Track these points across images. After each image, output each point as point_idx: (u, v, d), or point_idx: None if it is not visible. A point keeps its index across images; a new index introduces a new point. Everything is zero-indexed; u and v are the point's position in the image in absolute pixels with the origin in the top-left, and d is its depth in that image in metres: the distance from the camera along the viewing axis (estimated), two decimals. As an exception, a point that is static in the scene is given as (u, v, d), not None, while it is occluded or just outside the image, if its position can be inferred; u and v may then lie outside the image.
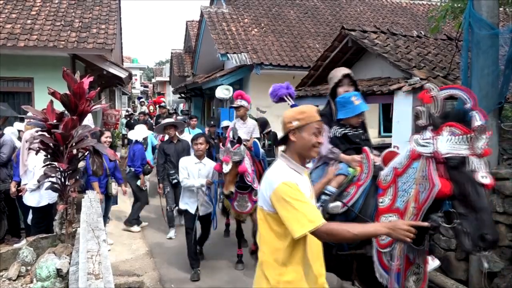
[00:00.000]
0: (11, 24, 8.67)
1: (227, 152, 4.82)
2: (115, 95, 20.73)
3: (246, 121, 6.16)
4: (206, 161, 5.30)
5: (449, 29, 11.51)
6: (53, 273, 2.94)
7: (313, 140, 2.19)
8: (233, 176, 4.87)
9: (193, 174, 5.18)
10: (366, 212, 2.90)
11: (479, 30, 4.32)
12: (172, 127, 6.77)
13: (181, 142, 6.84)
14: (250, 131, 6.12)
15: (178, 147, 6.71)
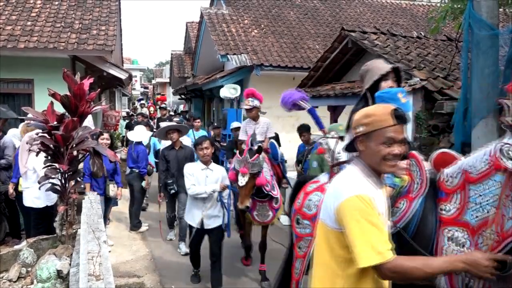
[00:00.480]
0: (11, 26, 8.68)
1: (245, 163, 4.36)
2: (115, 96, 20.74)
3: (258, 120, 5.73)
4: (214, 166, 4.75)
5: (449, 30, 11.52)
6: (54, 274, 2.94)
7: (383, 151, 1.75)
8: (250, 189, 4.45)
9: (199, 182, 4.60)
10: (424, 233, 2.39)
11: (479, 31, 4.32)
12: (175, 132, 6.19)
13: (184, 149, 6.27)
14: (264, 131, 5.69)
15: (180, 154, 6.17)
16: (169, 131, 6.20)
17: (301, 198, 3.40)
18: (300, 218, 3.33)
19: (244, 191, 4.41)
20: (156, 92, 39.45)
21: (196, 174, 4.60)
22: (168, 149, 6.31)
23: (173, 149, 6.23)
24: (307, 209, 3.27)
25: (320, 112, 4.33)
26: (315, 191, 3.32)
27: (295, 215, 3.40)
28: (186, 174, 4.60)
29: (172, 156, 6.19)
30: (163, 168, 6.26)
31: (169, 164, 6.17)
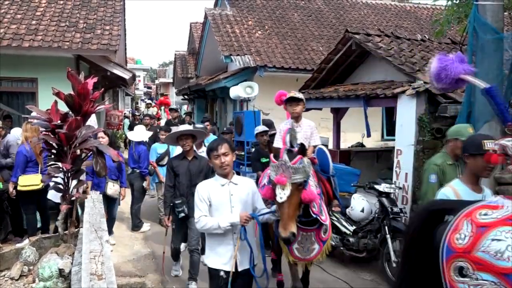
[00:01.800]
0: (16, 25, 8.72)
1: (283, 169, 3.05)
2: (118, 96, 20.76)
3: (300, 122, 4.30)
4: (239, 179, 3.28)
5: (453, 33, 11.50)
6: (55, 273, 2.95)
7: None
8: (294, 208, 3.09)
9: (222, 204, 3.16)
10: None
11: (483, 35, 4.31)
12: (189, 138, 4.80)
13: (199, 160, 4.88)
14: (307, 136, 4.29)
15: (193, 166, 4.82)
16: (181, 136, 4.81)
17: (468, 233, 2.04)
18: (470, 267, 2.01)
19: (287, 211, 3.00)
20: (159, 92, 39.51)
21: (215, 196, 3.17)
22: (179, 159, 4.91)
23: (185, 159, 4.83)
24: (493, 255, 1.92)
25: (323, 113, 4.34)
26: (503, 225, 1.99)
27: (453, 260, 2.05)
28: (197, 199, 3.19)
29: (183, 168, 4.81)
30: (170, 183, 4.87)
31: (178, 179, 4.81)
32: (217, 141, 3.27)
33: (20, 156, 5.57)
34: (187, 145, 4.76)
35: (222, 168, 3.16)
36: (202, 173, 4.72)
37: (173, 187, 4.84)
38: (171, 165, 4.90)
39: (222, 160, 3.12)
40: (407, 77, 5.92)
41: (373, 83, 6.91)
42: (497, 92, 3.00)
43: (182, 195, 4.77)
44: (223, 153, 3.14)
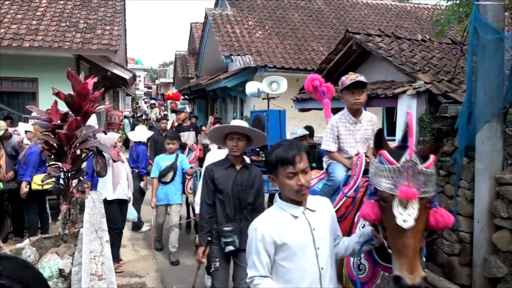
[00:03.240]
0: (16, 25, 8.72)
1: (411, 175, 1.92)
2: (118, 96, 20.78)
3: (360, 117, 3.40)
4: (313, 201, 2.17)
5: (454, 33, 11.50)
6: (56, 273, 2.95)
7: None
8: (421, 237, 1.99)
9: (303, 246, 2.03)
10: None
11: (484, 35, 4.30)
12: (243, 139, 3.42)
13: (249, 171, 3.50)
14: (368, 136, 3.40)
15: (243, 179, 3.44)
16: (232, 135, 3.40)
17: None
18: None
19: (413, 242, 1.92)
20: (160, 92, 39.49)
21: (290, 236, 2.02)
22: (222, 167, 3.47)
23: (232, 168, 3.45)
24: None
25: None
26: None
27: None
28: (253, 248, 2.04)
29: (228, 180, 3.42)
30: (208, 200, 3.46)
31: (221, 196, 3.42)
32: (291, 149, 2.00)
33: (35, 155, 5.63)
34: (238, 149, 3.35)
35: (300, 193, 1.99)
36: (253, 189, 3.41)
37: (213, 206, 3.44)
38: (210, 175, 3.41)
39: (301, 182, 1.96)
40: (407, 77, 5.91)
41: (374, 83, 6.90)
42: None
43: (230, 218, 3.37)
44: (302, 170, 1.98)
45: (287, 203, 2.06)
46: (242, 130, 3.39)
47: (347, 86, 3.26)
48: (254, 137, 3.46)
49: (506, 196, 4.14)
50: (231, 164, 3.43)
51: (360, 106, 3.34)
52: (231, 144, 3.37)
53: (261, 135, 3.53)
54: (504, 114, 4.43)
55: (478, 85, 4.38)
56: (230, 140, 3.37)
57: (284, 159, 1.99)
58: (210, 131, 3.61)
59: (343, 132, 3.39)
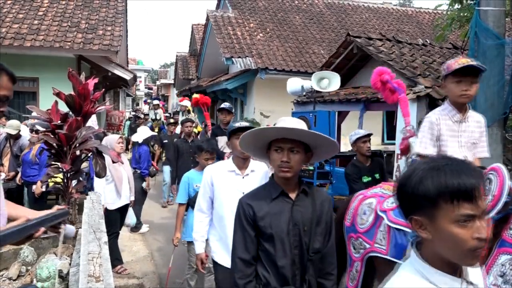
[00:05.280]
0: (18, 24, 8.73)
1: None
2: (119, 96, 20.79)
3: (467, 115, 2.68)
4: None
5: (454, 38, 11.51)
6: (54, 274, 2.94)
7: None
8: None
9: None
10: None
11: (485, 40, 4.31)
12: (298, 148, 2.03)
13: (312, 197, 2.12)
14: (476, 139, 2.71)
15: (303, 212, 2.08)
16: (278, 142, 2.04)
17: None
18: None
19: None
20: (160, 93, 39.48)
21: None
22: (266, 199, 2.09)
23: (282, 197, 2.09)
24: None
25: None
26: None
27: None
28: None
29: (278, 218, 2.06)
30: (246, 254, 2.08)
31: (270, 245, 2.06)
32: (467, 173, 1.13)
33: (45, 155, 5.62)
34: (290, 167, 2.00)
35: (475, 254, 1.13)
36: (322, 227, 2.09)
37: (255, 262, 2.09)
38: (249, 214, 2.07)
39: (481, 233, 1.11)
40: (408, 81, 5.91)
41: (374, 87, 6.91)
42: None
43: (283, 281, 2.04)
44: (482, 212, 1.13)
45: (439, 270, 1.17)
46: (300, 135, 1.99)
47: (454, 71, 2.48)
48: (318, 146, 2.09)
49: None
50: (281, 192, 2.06)
51: (469, 100, 2.59)
52: (278, 158, 2.00)
53: (331, 144, 2.09)
54: (504, 119, 4.44)
55: (479, 90, 4.39)
56: (278, 152, 2.01)
57: (457, 191, 1.10)
58: (244, 136, 2.11)
59: (445, 133, 2.59)
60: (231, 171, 2.96)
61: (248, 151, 2.33)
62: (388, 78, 2.98)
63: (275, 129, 2.04)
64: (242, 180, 2.95)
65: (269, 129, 2.13)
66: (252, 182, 2.88)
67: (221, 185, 2.96)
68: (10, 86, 1.74)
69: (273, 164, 2.06)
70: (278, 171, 2.02)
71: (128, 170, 5.38)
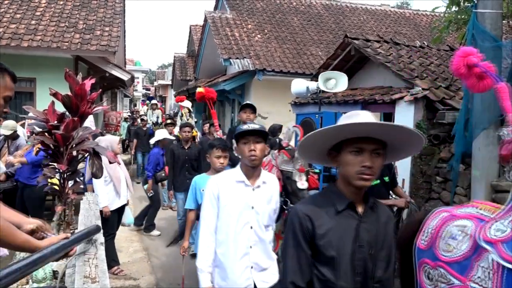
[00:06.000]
0: (15, 24, 8.71)
1: None
2: (117, 97, 20.74)
3: None
4: None
5: (452, 40, 11.55)
6: (49, 275, 2.93)
7: None
8: None
9: None
10: None
11: (482, 42, 4.32)
12: (380, 148, 1.64)
13: (377, 214, 1.73)
14: None
15: (370, 230, 1.68)
16: (356, 143, 1.62)
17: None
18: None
19: None
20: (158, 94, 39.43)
21: None
22: (328, 210, 1.68)
23: (349, 211, 1.68)
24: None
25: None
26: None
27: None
28: None
29: (341, 236, 1.66)
30: (301, 279, 1.66)
31: (329, 269, 1.64)
32: None
33: None
34: (373, 173, 1.62)
35: None
36: (385, 251, 1.73)
37: None
38: (307, 227, 1.65)
39: None
40: (405, 83, 5.93)
41: (372, 88, 6.92)
42: None
43: None
44: None
45: None
46: (399, 133, 1.63)
47: None
48: (398, 147, 1.71)
49: (502, 203, 4.14)
50: (348, 204, 1.67)
51: None
52: (358, 162, 1.60)
53: (419, 140, 1.71)
54: (500, 121, 4.44)
55: (475, 93, 4.40)
56: (356, 155, 1.61)
57: None
58: (309, 137, 1.70)
59: None
60: (239, 181, 2.53)
61: (308, 156, 1.92)
62: (477, 61, 2.26)
63: (362, 125, 1.60)
64: (252, 192, 2.53)
65: (348, 126, 1.60)
66: (263, 195, 2.54)
67: (228, 198, 2.51)
68: (13, 86, 1.76)
69: (345, 169, 1.65)
70: (356, 178, 1.61)
71: (124, 170, 5.37)
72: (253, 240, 2.50)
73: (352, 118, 1.64)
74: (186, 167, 5.98)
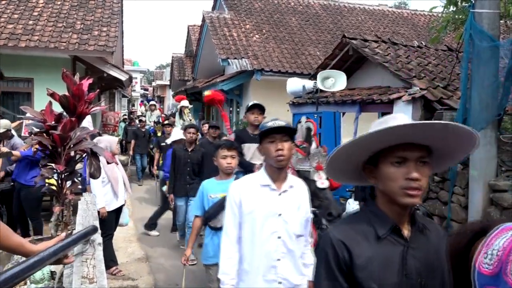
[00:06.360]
0: (13, 25, 8.69)
1: None
2: (115, 97, 20.72)
3: None
4: None
5: (449, 40, 11.57)
6: (47, 276, 2.92)
7: None
8: None
9: None
10: None
11: (479, 42, 4.33)
12: (425, 154, 1.36)
13: (427, 235, 1.45)
14: None
15: (420, 257, 1.40)
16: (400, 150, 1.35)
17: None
18: None
19: None
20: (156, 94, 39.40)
21: None
22: (366, 235, 1.39)
23: (393, 236, 1.39)
24: None
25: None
26: None
27: None
28: None
29: (384, 267, 1.37)
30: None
31: None
32: None
33: None
34: (421, 187, 1.31)
35: None
36: (437, 281, 1.43)
37: None
38: (345, 256, 1.35)
39: None
40: (403, 83, 5.94)
41: (370, 88, 6.93)
42: None
43: None
44: None
45: None
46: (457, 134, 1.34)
47: None
48: (445, 153, 1.44)
49: (499, 203, 4.15)
50: (392, 228, 1.39)
51: None
52: (402, 174, 1.33)
53: (469, 140, 1.37)
54: (498, 121, 4.46)
55: (473, 92, 4.41)
56: (399, 166, 1.34)
57: None
58: (341, 149, 1.42)
59: None
60: (264, 185, 2.29)
61: (339, 174, 1.58)
62: None
63: (408, 127, 1.29)
64: (279, 197, 2.28)
65: (398, 129, 1.29)
66: (291, 201, 2.29)
67: (251, 204, 2.26)
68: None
69: (386, 185, 1.36)
70: (401, 195, 1.33)
71: (122, 171, 5.36)
72: (281, 252, 2.24)
73: (390, 123, 1.37)
74: (187, 171, 5.70)
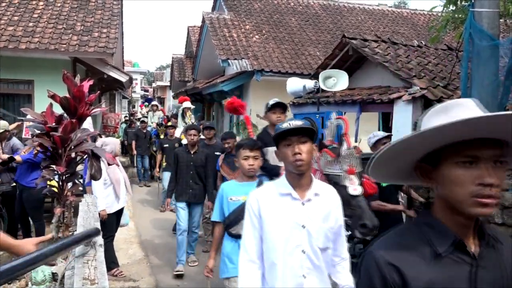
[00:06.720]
0: (13, 27, 8.70)
1: None
2: (115, 98, 20.74)
3: None
4: None
5: (449, 39, 11.57)
6: (49, 277, 2.92)
7: None
8: None
9: None
10: None
11: (479, 41, 4.33)
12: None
13: (496, 253, 1.17)
14: None
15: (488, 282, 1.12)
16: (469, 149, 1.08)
17: None
18: None
19: None
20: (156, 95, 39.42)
21: None
22: (423, 251, 1.13)
23: (458, 254, 1.12)
24: None
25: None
26: None
27: None
28: None
29: None
30: None
31: None
32: None
33: None
34: (496, 197, 1.07)
35: None
36: None
37: None
38: (396, 279, 1.10)
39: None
40: (403, 83, 5.94)
41: (370, 88, 6.93)
42: None
43: None
44: None
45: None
46: None
47: None
48: None
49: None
50: (455, 244, 1.13)
51: None
52: (472, 178, 1.07)
53: None
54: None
55: (473, 91, 4.41)
56: (468, 168, 1.08)
57: None
58: (391, 148, 1.27)
59: None
60: (285, 194, 2.06)
61: (384, 174, 1.36)
62: None
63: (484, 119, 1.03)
64: (302, 207, 2.04)
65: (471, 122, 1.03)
66: (316, 211, 2.04)
67: (271, 215, 2.04)
68: None
69: (451, 190, 1.11)
70: (471, 204, 1.07)
71: (123, 172, 5.36)
72: (306, 268, 2.01)
73: (453, 111, 1.12)
74: (190, 175, 5.49)
